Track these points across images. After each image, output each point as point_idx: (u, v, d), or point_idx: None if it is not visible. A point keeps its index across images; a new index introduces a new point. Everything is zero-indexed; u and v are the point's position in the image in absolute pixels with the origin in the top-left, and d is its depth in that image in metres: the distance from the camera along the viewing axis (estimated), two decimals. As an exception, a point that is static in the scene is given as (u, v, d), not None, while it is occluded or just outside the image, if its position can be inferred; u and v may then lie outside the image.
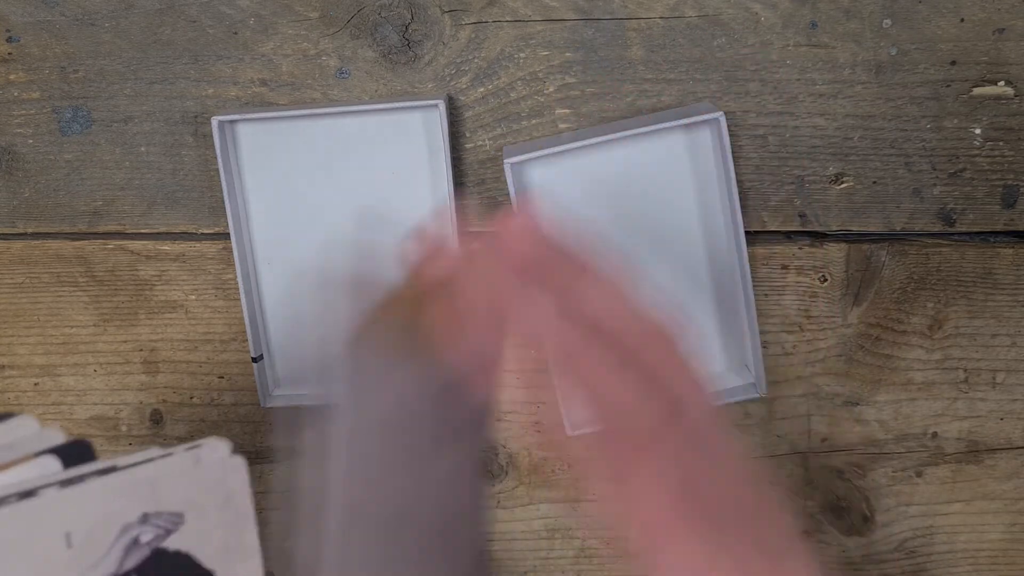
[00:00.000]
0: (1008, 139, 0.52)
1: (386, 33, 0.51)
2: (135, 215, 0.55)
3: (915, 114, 0.52)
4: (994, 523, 0.57)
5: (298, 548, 0.36)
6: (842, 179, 0.53)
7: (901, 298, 0.54)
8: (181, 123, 0.53)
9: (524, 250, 0.35)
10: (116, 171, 0.54)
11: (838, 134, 0.52)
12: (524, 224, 0.35)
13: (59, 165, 0.54)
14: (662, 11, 0.51)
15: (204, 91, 0.53)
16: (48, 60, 0.53)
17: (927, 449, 0.56)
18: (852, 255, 0.54)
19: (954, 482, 0.57)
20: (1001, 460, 0.56)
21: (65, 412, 0.57)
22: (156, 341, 0.56)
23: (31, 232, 0.55)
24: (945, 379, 0.55)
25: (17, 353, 0.57)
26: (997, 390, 0.56)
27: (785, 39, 0.51)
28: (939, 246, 0.54)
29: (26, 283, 0.56)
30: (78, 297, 0.56)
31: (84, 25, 0.52)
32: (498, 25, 0.51)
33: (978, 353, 0.55)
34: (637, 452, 0.32)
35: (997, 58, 0.51)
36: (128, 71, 0.53)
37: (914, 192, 0.53)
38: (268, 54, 0.52)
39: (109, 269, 0.55)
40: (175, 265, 0.55)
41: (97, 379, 0.57)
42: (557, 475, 0.58)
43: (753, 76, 0.51)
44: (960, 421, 0.56)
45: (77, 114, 0.53)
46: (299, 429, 0.37)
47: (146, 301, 0.56)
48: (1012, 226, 0.53)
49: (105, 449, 0.58)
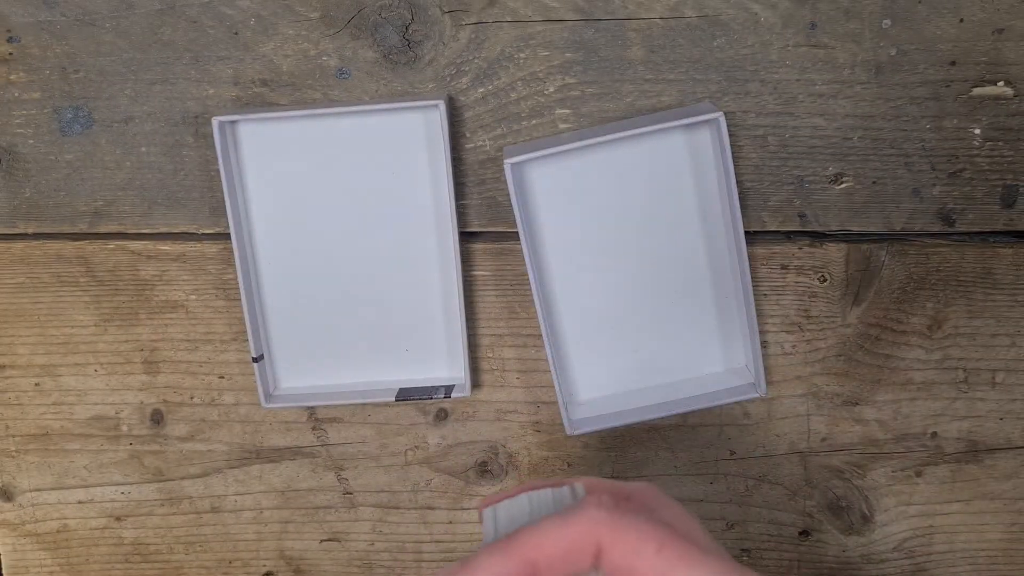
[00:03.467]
0: (1007, 139, 0.52)
1: (386, 33, 0.52)
2: (136, 215, 0.55)
3: (915, 114, 0.52)
4: (994, 523, 0.57)
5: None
6: (842, 179, 0.53)
7: (901, 298, 0.54)
8: (182, 123, 0.53)
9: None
10: (117, 171, 0.54)
11: (838, 134, 0.52)
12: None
13: (60, 165, 0.54)
14: (662, 11, 0.51)
15: (205, 91, 0.53)
16: (49, 60, 0.53)
17: (927, 449, 0.56)
18: (852, 255, 0.54)
19: (953, 482, 0.57)
20: (1000, 460, 0.57)
21: (66, 412, 0.57)
22: (157, 341, 0.56)
23: (32, 232, 0.55)
24: (945, 379, 0.55)
25: (18, 353, 0.57)
26: (996, 390, 0.56)
27: (785, 39, 0.51)
28: (938, 246, 0.54)
29: (27, 283, 0.56)
30: (79, 297, 0.56)
31: (85, 25, 0.52)
32: (498, 25, 0.51)
33: (977, 353, 0.55)
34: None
35: (996, 58, 0.51)
36: (129, 71, 0.53)
37: (914, 192, 0.53)
38: (269, 54, 0.52)
39: (110, 269, 0.56)
40: (176, 265, 0.55)
41: (98, 379, 0.57)
42: (557, 474, 0.58)
43: (753, 76, 0.52)
44: (960, 421, 0.56)
45: (78, 114, 0.53)
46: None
47: (147, 301, 0.56)
48: (1012, 226, 0.53)
49: (105, 448, 0.58)
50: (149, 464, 0.58)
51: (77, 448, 0.58)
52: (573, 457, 0.57)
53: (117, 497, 0.59)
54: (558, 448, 0.57)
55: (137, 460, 0.58)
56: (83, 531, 0.59)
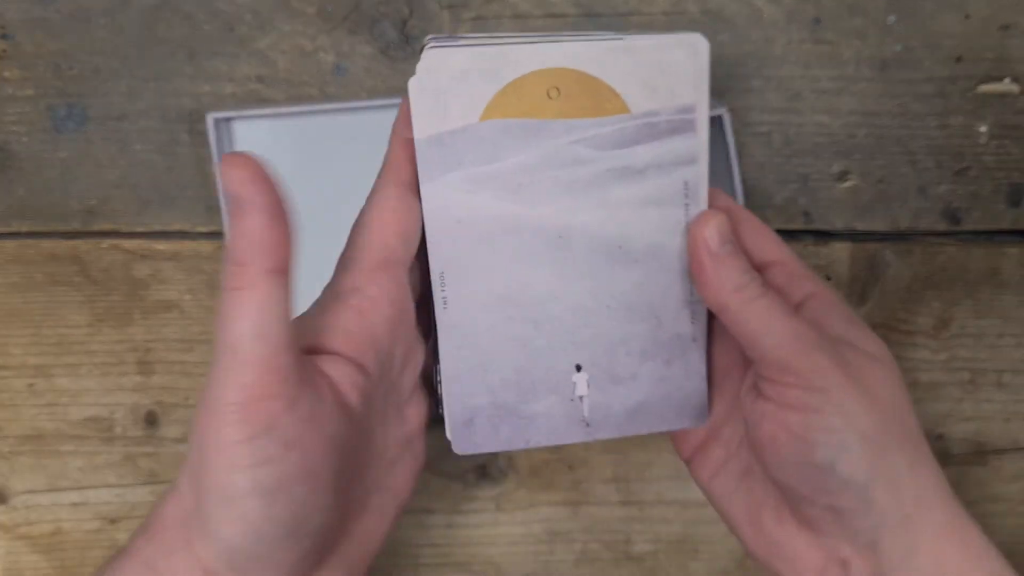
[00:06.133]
0: (1014, 136, 0.51)
1: (384, 29, 0.51)
2: (130, 214, 0.54)
3: (920, 111, 0.51)
4: (1000, 525, 0.57)
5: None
6: (846, 177, 0.52)
7: (906, 297, 0.54)
8: (176, 120, 0.53)
9: None
10: (111, 169, 0.54)
11: (842, 131, 0.52)
12: None
13: (53, 163, 0.54)
14: (664, 6, 0.50)
15: (200, 88, 0.52)
16: (42, 57, 0.52)
17: (933, 450, 0.56)
18: (857, 254, 0.53)
19: (960, 484, 0.56)
20: (1007, 461, 0.56)
21: (59, 413, 0.57)
22: (151, 341, 0.56)
23: (25, 231, 0.55)
24: (951, 380, 0.55)
25: (11, 353, 0.56)
26: (1003, 391, 0.55)
27: (789, 35, 0.50)
28: (944, 245, 0.53)
29: (20, 283, 0.55)
30: (72, 297, 0.55)
31: (79, 22, 0.52)
32: (498, 20, 0.51)
33: (984, 353, 0.55)
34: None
35: (1002, 55, 0.50)
36: (123, 68, 0.52)
37: (919, 190, 0.53)
38: (264, 50, 0.52)
39: (103, 268, 0.55)
40: (170, 264, 0.55)
41: (91, 379, 0.56)
42: (558, 477, 0.57)
43: (756, 72, 0.51)
44: (966, 422, 0.55)
45: (72, 112, 0.53)
46: None
47: (140, 301, 0.55)
48: (1018, 225, 0.53)
49: (99, 450, 0.57)
50: (143, 466, 0.57)
51: (71, 450, 0.57)
52: (574, 460, 0.57)
53: (111, 499, 0.58)
54: (559, 450, 0.57)
55: (131, 462, 0.57)
56: (77, 533, 0.59)
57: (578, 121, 0.37)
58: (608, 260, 0.39)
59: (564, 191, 0.38)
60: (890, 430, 0.36)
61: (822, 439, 0.35)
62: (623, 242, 0.39)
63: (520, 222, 0.38)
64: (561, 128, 0.37)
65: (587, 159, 0.38)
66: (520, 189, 0.37)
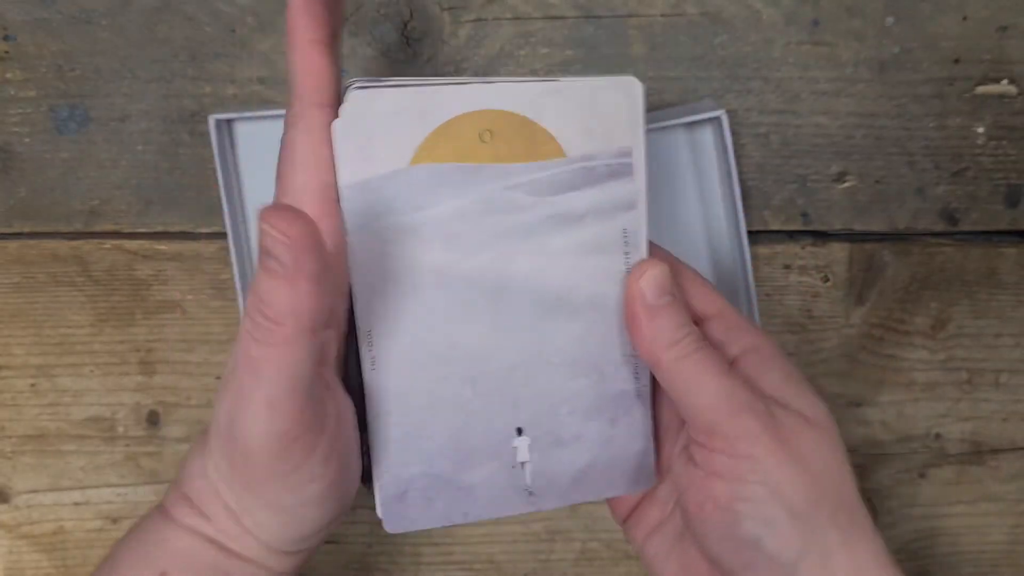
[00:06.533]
0: (1011, 138, 0.52)
1: (385, 31, 0.51)
2: (132, 214, 0.54)
3: (918, 112, 0.51)
4: (997, 525, 0.57)
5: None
6: (845, 178, 0.53)
7: (904, 298, 0.54)
8: (178, 121, 0.53)
9: None
10: (112, 170, 0.54)
11: (841, 132, 0.52)
12: None
13: (55, 164, 0.54)
14: (663, 8, 0.50)
15: (201, 89, 0.52)
16: (44, 58, 0.52)
17: (930, 450, 0.56)
18: (855, 255, 0.53)
19: (957, 483, 0.56)
20: (1004, 461, 0.56)
21: (62, 413, 0.57)
22: (153, 341, 0.56)
23: (27, 232, 0.55)
24: (948, 380, 0.55)
25: (13, 353, 0.56)
26: (1000, 391, 0.55)
27: (787, 37, 0.51)
28: (942, 246, 0.53)
29: (22, 283, 0.55)
30: (74, 297, 0.56)
31: (81, 23, 0.52)
32: (498, 22, 0.51)
33: (981, 353, 0.55)
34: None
35: (1000, 56, 0.50)
36: (125, 69, 0.52)
37: (917, 191, 0.53)
38: (266, 52, 0.52)
39: (106, 269, 0.55)
40: (172, 265, 0.55)
41: (94, 380, 0.57)
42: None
43: (755, 74, 0.51)
44: (963, 422, 0.56)
45: (74, 113, 0.53)
46: None
47: (143, 301, 0.55)
48: (1015, 226, 0.53)
49: (101, 450, 0.57)
50: (145, 466, 0.58)
51: (73, 449, 0.57)
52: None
53: (113, 499, 0.58)
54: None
55: (133, 462, 0.57)
56: (79, 533, 0.59)
57: (513, 166, 0.35)
58: (548, 312, 0.36)
59: (500, 240, 0.35)
60: (822, 503, 0.34)
61: (747, 511, 0.33)
62: (563, 293, 0.36)
63: (454, 273, 0.35)
64: (496, 173, 0.35)
65: (524, 205, 0.35)
66: (453, 238, 0.35)
